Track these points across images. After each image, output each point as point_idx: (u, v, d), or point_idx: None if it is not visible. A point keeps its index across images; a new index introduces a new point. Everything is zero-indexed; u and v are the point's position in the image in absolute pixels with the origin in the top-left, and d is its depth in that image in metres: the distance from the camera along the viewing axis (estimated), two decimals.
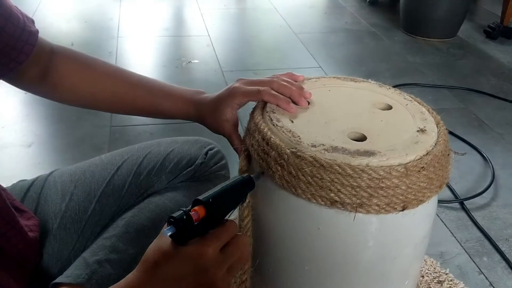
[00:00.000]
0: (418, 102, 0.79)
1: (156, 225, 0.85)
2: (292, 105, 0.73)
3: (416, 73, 2.04)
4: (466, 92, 1.92)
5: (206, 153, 0.97)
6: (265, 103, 0.75)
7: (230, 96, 0.76)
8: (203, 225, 0.57)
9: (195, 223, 0.55)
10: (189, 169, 0.94)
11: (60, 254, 0.84)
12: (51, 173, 0.92)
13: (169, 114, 0.84)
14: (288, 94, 0.75)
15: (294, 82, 0.77)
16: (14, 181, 0.91)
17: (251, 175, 0.64)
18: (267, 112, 0.72)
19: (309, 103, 0.75)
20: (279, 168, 0.64)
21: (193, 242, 0.55)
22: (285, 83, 0.76)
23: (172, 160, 0.94)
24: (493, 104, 1.84)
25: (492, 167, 1.44)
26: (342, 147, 0.64)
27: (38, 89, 0.83)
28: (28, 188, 0.88)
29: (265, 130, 0.68)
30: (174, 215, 0.55)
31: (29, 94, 1.71)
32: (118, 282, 0.57)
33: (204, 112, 0.80)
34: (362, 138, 0.67)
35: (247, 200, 0.68)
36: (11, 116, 1.64)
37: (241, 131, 0.77)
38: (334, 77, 0.84)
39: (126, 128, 1.59)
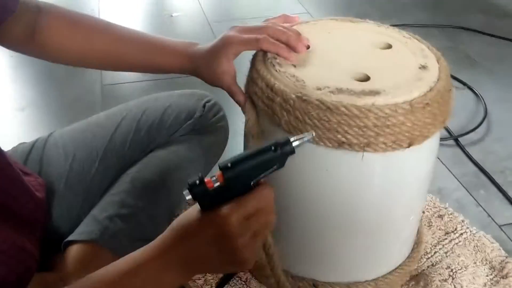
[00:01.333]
0: (417, 40, 0.79)
1: (162, 179, 0.86)
2: (292, 53, 0.72)
3: (405, 14, 2.02)
4: (455, 30, 1.91)
5: (204, 106, 0.97)
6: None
7: (225, 46, 0.73)
8: (228, 191, 0.53)
9: (210, 189, 0.52)
10: (188, 122, 0.94)
11: (69, 213, 0.85)
12: (50, 134, 0.92)
13: (163, 69, 0.82)
14: (285, 40, 0.73)
15: (290, 28, 0.76)
16: (14, 145, 0.91)
17: (291, 139, 0.55)
18: (268, 58, 0.71)
19: (309, 46, 0.75)
20: (285, 113, 0.65)
21: (217, 208, 0.53)
22: (281, 29, 0.74)
23: (170, 115, 0.94)
24: (483, 41, 1.84)
25: (484, 103, 1.46)
26: (347, 88, 0.64)
27: (26, 48, 0.81)
28: (29, 151, 0.88)
29: (268, 77, 0.68)
30: (190, 179, 0.53)
31: (14, 58, 1.69)
32: (144, 246, 0.56)
33: (200, 64, 0.77)
34: (366, 78, 0.67)
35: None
36: None
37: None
38: (332, 19, 0.83)
39: (118, 86, 1.57)
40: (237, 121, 1.15)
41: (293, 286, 0.81)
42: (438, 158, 1.25)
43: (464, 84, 1.56)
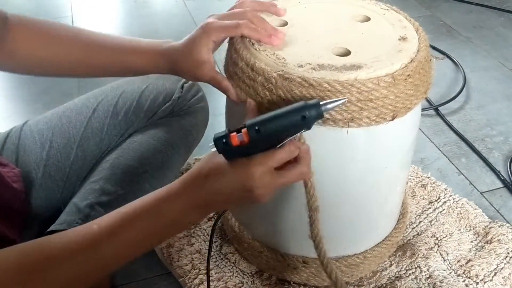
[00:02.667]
0: (394, 11, 0.77)
1: (142, 163, 0.85)
2: (274, 37, 0.69)
3: None
4: None
5: (182, 87, 0.95)
6: None
7: (204, 33, 0.68)
8: (254, 147, 0.56)
9: (235, 146, 0.55)
10: (167, 104, 0.92)
11: (49, 202, 0.84)
12: (25, 123, 0.89)
13: (139, 70, 0.78)
14: (262, 28, 0.70)
15: (265, 21, 0.71)
16: None
17: (319, 101, 0.56)
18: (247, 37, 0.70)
19: (287, 23, 0.73)
20: (268, 93, 0.63)
21: (243, 160, 0.57)
22: (260, 18, 0.71)
23: (148, 97, 0.92)
24: (459, 9, 1.84)
25: (463, 71, 1.46)
26: (329, 64, 0.63)
27: None
28: (4, 141, 0.85)
29: (247, 56, 0.66)
30: (216, 134, 0.56)
31: None
32: (170, 185, 0.60)
33: (176, 59, 0.72)
34: (347, 53, 0.66)
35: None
36: None
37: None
38: None
39: None
40: (217, 101, 1.14)
41: (283, 264, 0.81)
42: (420, 129, 1.25)
43: (443, 53, 1.57)
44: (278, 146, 0.57)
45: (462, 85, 1.40)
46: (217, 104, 1.16)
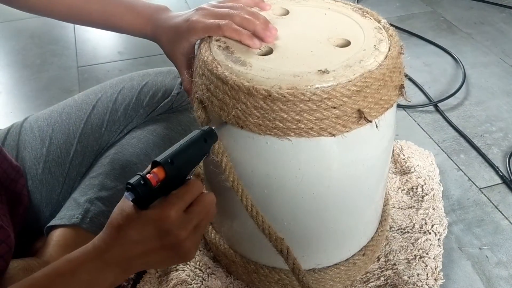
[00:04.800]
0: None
1: (141, 159, 0.86)
2: (255, 40, 0.68)
3: None
4: None
5: (181, 83, 0.96)
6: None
7: (189, 30, 0.71)
8: (165, 187, 0.56)
9: (155, 187, 0.54)
10: (166, 100, 0.93)
11: (49, 198, 0.85)
12: (25, 119, 0.90)
13: (126, 31, 0.81)
14: (251, 29, 0.69)
15: (259, 15, 0.71)
16: None
17: (213, 127, 0.63)
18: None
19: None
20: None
21: (155, 205, 0.55)
22: (248, 17, 0.70)
23: (147, 93, 0.93)
24: (460, 5, 1.83)
25: (463, 67, 1.46)
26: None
27: None
28: (4, 137, 0.87)
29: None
30: (131, 181, 0.54)
31: None
32: (86, 245, 0.56)
33: (161, 37, 0.76)
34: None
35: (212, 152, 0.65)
36: None
37: None
38: None
39: (94, 67, 1.55)
40: None
41: (259, 276, 0.81)
42: (418, 125, 1.26)
43: (443, 49, 1.57)
44: (186, 179, 0.59)
45: (461, 81, 1.40)
46: None
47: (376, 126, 0.68)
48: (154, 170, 0.55)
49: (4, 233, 0.70)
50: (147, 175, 0.54)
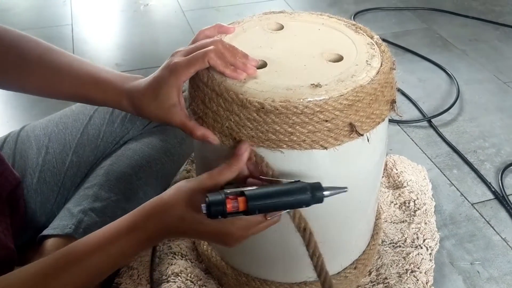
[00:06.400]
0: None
1: (136, 171, 0.86)
2: (240, 72, 0.65)
3: None
4: (428, 12, 1.93)
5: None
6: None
7: (172, 74, 0.62)
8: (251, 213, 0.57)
9: (227, 213, 0.56)
10: None
11: (43, 207, 0.85)
12: (22, 128, 0.91)
13: (100, 103, 0.73)
14: (232, 62, 0.65)
15: (237, 50, 0.67)
16: None
17: (322, 187, 0.60)
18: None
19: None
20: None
21: (228, 219, 0.58)
22: (228, 49, 0.65)
23: None
24: (455, 22, 1.86)
25: (457, 83, 1.48)
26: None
27: None
28: (1, 146, 0.87)
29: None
30: (212, 196, 0.56)
31: None
32: (120, 221, 0.61)
33: (141, 101, 0.66)
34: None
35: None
36: None
37: None
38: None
39: None
40: None
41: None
42: (412, 140, 1.27)
43: (438, 65, 1.58)
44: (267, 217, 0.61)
45: (455, 97, 1.42)
46: None
47: (368, 140, 0.69)
48: (240, 199, 0.56)
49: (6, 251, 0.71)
50: (228, 199, 0.56)
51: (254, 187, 0.59)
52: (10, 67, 0.72)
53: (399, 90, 1.45)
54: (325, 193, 0.60)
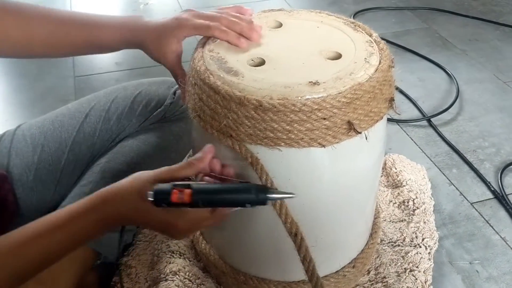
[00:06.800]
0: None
1: (132, 168, 0.86)
2: (242, 40, 0.72)
3: None
4: (428, 11, 1.92)
5: (175, 93, 0.96)
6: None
7: (178, 27, 0.73)
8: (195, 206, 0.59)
9: (172, 202, 0.57)
10: (159, 110, 0.93)
11: (40, 206, 0.85)
12: (18, 126, 0.90)
13: (106, 44, 0.79)
14: (238, 30, 0.73)
15: (243, 17, 0.75)
16: None
17: (269, 190, 0.61)
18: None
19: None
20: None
21: (173, 211, 0.59)
22: (234, 19, 0.73)
23: (140, 102, 0.93)
24: (455, 22, 1.85)
25: (457, 83, 1.47)
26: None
27: None
28: None
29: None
30: (160, 186, 0.58)
31: None
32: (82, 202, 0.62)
33: (145, 37, 0.75)
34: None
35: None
36: None
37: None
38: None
39: (90, 77, 1.55)
40: None
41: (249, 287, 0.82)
42: (412, 139, 1.27)
43: (438, 65, 1.58)
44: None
45: (455, 96, 1.41)
46: None
47: (366, 138, 0.68)
48: (186, 191, 0.57)
49: None
50: (174, 190, 0.57)
51: (204, 183, 0.62)
52: (11, 27, 0.75)
53: (398, 89, 1.45)
54: (270, 196, 0.61)
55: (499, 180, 1.12)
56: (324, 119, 0.64)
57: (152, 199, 0.57)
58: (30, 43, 0.78)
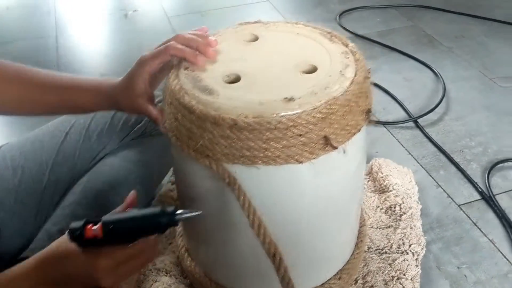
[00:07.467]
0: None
1: (113, 186, 0.85)
2: (199, 57, 0.70)
3: None
4: (414, 9, 1.91)
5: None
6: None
7: (138, 66, 0.71)
8: (111, 241, 0.59)
9: (87, 239, 0.58)
10: (139, 125, 0.93)
11: (22, 230, 0.84)
12: None
13: (80, 107, 0.79)
14: (194, 46, 0.71)
15: (200, 34, 0.73)
16: None
17: (175, 210, 0.62)
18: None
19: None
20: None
21: (93, 250, 0.59)
22: (190, 36, 0.72)
23: (120, 119, 0.93)
24: (441, 19, 1.85)
25: (443, 81, 1.47)
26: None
27: None
28: None
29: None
30: (73, 224, 0.59)
31: None
32: (10, 269, 0.61)
33: (116, 96, 0.74)
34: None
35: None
36: None
37: None
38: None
39: None
40: None
41: None
42: (398, 141, 1.26)
43: (424, 63, 1.57)
44: (130, 244, 0.61)
45: (441, 96, 1.41)
46: None
47: (344, 151, 0.68)
48: (99, 225, 0.58)
49: None
50: (88, 226, 0.58)
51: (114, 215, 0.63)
52: None
53: (385, 90, 1.44)
54: (177, 217, 0.61)
55: (486, 181, 1.12)
56: (300, 135, 0.63)
57: (68, 235, 0.59)
58: (2, 102, 0.77)
